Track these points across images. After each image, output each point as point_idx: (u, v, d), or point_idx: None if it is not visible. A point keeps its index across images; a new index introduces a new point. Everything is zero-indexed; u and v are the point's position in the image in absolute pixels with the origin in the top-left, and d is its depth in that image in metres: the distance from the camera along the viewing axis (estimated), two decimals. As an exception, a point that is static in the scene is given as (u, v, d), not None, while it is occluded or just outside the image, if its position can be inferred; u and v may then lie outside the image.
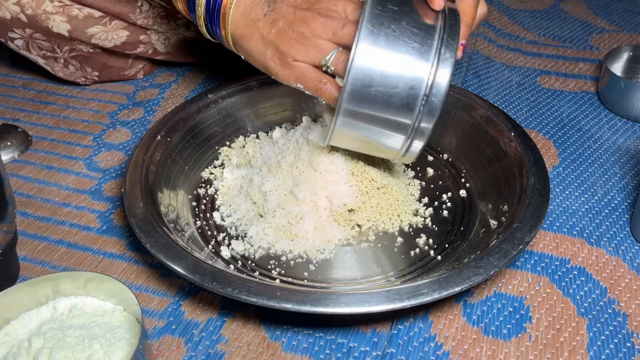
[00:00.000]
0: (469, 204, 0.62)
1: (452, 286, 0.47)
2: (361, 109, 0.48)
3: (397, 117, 0.48)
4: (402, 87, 0.47)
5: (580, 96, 0.83)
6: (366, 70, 0.46)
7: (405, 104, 0.47)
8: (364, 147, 0.53)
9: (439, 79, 0.47)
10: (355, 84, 0.47)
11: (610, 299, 0.54)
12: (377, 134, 0.50)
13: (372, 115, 0.48)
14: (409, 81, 0.46)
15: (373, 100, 0.47)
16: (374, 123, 0.49)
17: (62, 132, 0.78)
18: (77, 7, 0.74)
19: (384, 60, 0.46)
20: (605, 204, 0.64)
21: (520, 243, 0.50)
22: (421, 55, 0.46)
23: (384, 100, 0.47)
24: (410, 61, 0.46)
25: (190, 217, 0.61)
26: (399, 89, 0.47)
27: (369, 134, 0.50)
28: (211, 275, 0.48)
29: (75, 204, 0.66)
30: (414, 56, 0.46)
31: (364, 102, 0.47)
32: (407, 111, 0.47)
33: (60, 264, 0.58)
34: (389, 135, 0.50)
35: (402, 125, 0.48)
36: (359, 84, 0.47)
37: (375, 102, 0.47)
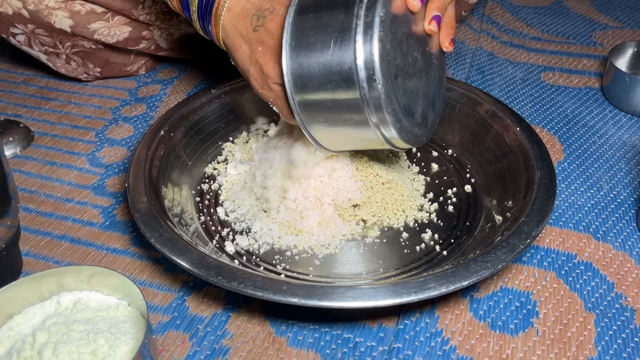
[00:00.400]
0: (474, 199, 0.62)
1: (459, 280, 0.46)
2: (313, 108, 0.48)
3: (345, 97, 0.46)
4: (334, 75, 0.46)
5: (584, 92, 0.82)
6: (298, 74, 0.47)
7: (345, 88, 0.46)
8: (354, 144, 0.52)
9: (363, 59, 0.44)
10: (297, 89, 0.47)
11: (617, 294, 0.53)
12: (344, 126, 0.49)
13: (329, 114, 0.48)
14: (338, 69, 0.45)
15: (321, 102, 0.47)
16: (335, 119, 0.48)
17: (64, 127, 0.77)
18: (79, 2, 0.74)
19: (309, 61, 0.46)
20: (611, 200, 0.64)
21: (528, 237, 0.50)
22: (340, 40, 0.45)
23: (329, 98, 0.47)
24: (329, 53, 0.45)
25: (194, 212, 0.61)
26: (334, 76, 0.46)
27: (338, 130, 0.49)
28: (216, 270, 0.48)
29: (78, 200, 0.65)
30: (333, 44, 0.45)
31: (315, 106, 0.48)
32: (351, 92, 0.46)
33: (64, 259, 0.58)
34: (356, 123, 0.48)
35: (355, 107, 0.47)
36: (300, 88, 0.47)
37: (323, 103, 0.47)
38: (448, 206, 0.61)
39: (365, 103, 0.45)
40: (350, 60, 0.45)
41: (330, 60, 0.45)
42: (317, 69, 0.46)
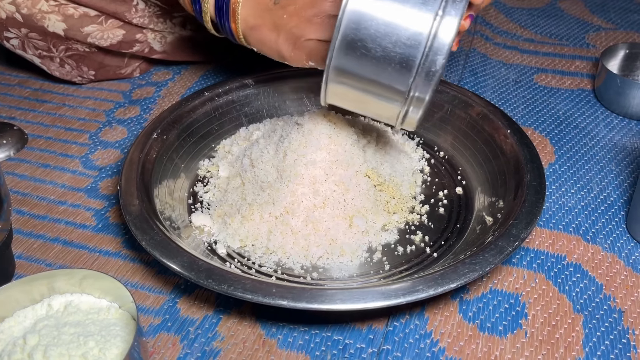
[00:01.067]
0: (465, 201, 0.62)
1: (447, 283, 0.47)
2: (353, 63, 0.44)
3: (393, 74, 0.44)
4: (399, 40, 0.42)
5: (576, 94, 0.83)
6: (359, 18, 0.43)
7: (402, 60, 0.43)
8: (360, 107, 0.50)
9: (441, 34, 0.42)
10: (347, 34, 0.43)
11: (606, 296, 0.54)
12: (371, 93, 0.46)
13: (365, 72, 0.44)
14: (408, 34, 0.42)
15: (366, 55, 0.43)
16: (367, 80, 0.45)
17: (58, 130, 0.77)
18: (72, 6, 0.74)
19: (380, 8, 0.43)
20: (602, 201, 0.64)
21: (516, 239, 0.50)
22: (423, 5, 0.42)
23: (379, 55, 0.43)
24: (409, 11, 0.42)
25: (186, 214, 0.61)
26: (396, 42, 0.42)
27: (362, 93, 0.46)
28: (206, 273, 0.48)
29: (71, 202, 0.65)
30: (414, 6, 0.42)
31: (356, 56, 0.44)
32: (403, 69, 0.43)
33: (56, 262, 0.58)
34: (384, 96, 0.46)
35: (399, 84, 0.44)
36: (351, 35, 0.43)
37: (369, 56, 0.43)
38: (439, 208, 0.62)
39: (418, 72, 0.43)
40: (428, 23, 0.42)
41: (407, 13, 0.42)
42: (386, 15, 0.42)
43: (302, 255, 0.55)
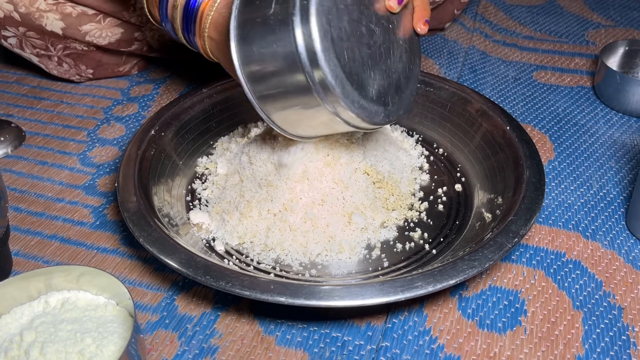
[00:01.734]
0: (464, 198, 0.62)
1: (446, 279, 0.46)
2: (264, 87, 0.48)
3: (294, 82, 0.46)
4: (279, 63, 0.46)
5: (576, 91, 0.83)
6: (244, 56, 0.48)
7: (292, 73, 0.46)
8: (312, 128, 0.52)
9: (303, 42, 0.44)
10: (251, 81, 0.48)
11: (605, 292, 0.54)
12: (299, 110, 0.49)
13: (276, 89, 0.48)
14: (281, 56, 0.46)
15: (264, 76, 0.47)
16: (287, 101, 0.48)
17: (56, 127, 0.77)
18: (70, 4, 0.74)
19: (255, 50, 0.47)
20: (601, 198, 0.64)
21: (515, 236, 0.50)
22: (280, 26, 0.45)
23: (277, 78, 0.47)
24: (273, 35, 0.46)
25: (184, 212, 0.61)
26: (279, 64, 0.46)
27: (291, 109, 0.49)
28: (204, 269, 0.48)
29: (69, 199, 0.65)
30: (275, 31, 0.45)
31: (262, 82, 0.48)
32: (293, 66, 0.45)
33: (54, 259, 0.58)
34: (308, 105, 0.48)
35: (304, 89, 0.46)
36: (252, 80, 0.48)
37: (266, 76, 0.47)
38: (438, 205, 0.61)
39: (312, 83, 0.45)
40: (290, 46, 0.44)
41: (274, 49, 0.45)
42: (263, 57, 0.46)
43: (300, 252, 0.55)
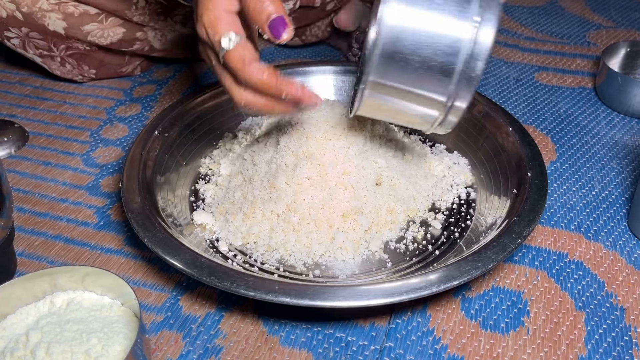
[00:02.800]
0: (467, 199, 0.62)
1: (450, 280, 0.47)
2: (391, 77, 0.43)
3: (433, 85, 0.43)
4: (439, 49, 0.42)
5: (577, 92, 0.83)
6: (397, 32, 0.42)
7: (442, 69, 0.42)
8: (392, 117, 0.49)
9: (481, 39, 0.41)
10: (386, 49, 0.42)
11: (607, 293, 0.54)
12: (409, 104, 0.45)
13: (404, 84, 0.43)
14: (448, 42, 0.41)
15: (405, 67, 0.42)
16: (405, 92, 0.44)
17: (59, 128, 0.77)
18: (72, 4, 0.74)
19: (417, 19, 0.42)
20: (603, 199, 0.64)
21: (519, 237, 0.50)
22: (460, 12, 0.41)
23: (418, 66, 0.42)
24: (447, 19, 0.42)
25: (188, 212, 0.61)
26: (436, 51, 0.42)
27: (399, 104, 0.45)
28: (209, 270, 0.48)
29: (73, 200, 0.65)
30: (451, 13, 0.41)
31: (394, 70, 0.43)
32: (444, 77, 0.42)
33: (58, 259, 0.58)
34: (422, 105, 0.45)
35: (439, 93, 0.43)
36: (390, 49, 0.42)
37: (408, 68, 0.42)
38: (441, 206, 0.62)
39: (459, 79, 0.42)
40: (467, 30, 0.41)
41: (444, 21, 0.41)
42: (424, 25, 0.41)
43: (304, 252, 0.55)
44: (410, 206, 0.61)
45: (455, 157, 0.67)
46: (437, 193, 0.63)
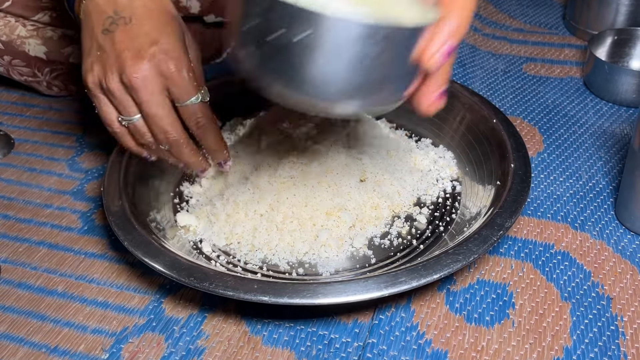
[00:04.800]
0: (452, 192, 0.62)
1: (430, 274, 0.46)
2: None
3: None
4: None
5: (565, 82, 0.82)
6: None
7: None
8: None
9: None
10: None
11: (594, 283, 0.53)
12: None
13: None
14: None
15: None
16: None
17: (45, 134, 0.77)
18: (50, 28, 0.74)
19: None
20: (590, 189, 0.64)
21: (501, 229, 0.50)
22: None
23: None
24: None
25: (171, 214, 0.61)
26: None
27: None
28: (188, 271, 0.48)
29: (57, 205, 0.65)
30: None
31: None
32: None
33: (42, 265, 0.58)
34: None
35: None
36: None
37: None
38: (426, 200, 0.61)
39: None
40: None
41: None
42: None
43: (287, 251, 0.55)
44: (395, 201, 0.60)
45: (441, 151, 0.67)
46: (422, 187, 0.62)
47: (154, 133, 0.52)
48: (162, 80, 0.49)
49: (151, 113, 0.50)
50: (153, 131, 0.52)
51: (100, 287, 0.55)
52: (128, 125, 0.52)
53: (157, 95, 0.49)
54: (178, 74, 0.49)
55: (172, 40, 0.49)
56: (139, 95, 0.49)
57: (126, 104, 0.50)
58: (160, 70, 0.49)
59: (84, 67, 0.51)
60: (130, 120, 0.51)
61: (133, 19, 0.49)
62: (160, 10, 0.50)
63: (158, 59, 0.49)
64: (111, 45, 0.49)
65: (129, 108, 0.51)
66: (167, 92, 0.50)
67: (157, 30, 0.49)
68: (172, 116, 0.51)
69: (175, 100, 0.51)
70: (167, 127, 0.51)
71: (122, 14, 0.49)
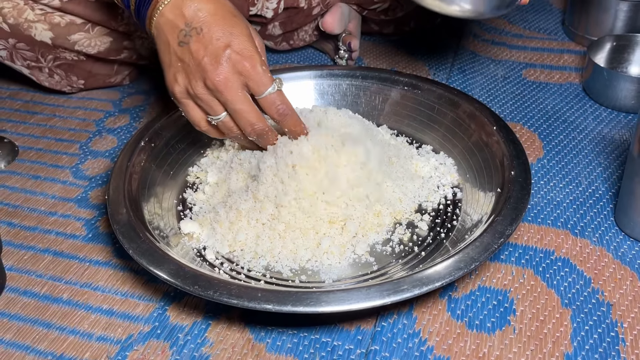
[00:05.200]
0: (454, 199, 0.62)
1: (432, 282, 0.47)
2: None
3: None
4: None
5: (565, 88, 0.83)
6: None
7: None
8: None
9: None
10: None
11: (594, 289, 0.54)
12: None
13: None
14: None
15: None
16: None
17: (49, 141, 0.78)
18: (58, 14, 0.74)
19: None
20: (590, 195, 0.64)
21: (501, 236, 0.51)
22: None
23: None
24: None
25: (175, 221, 0.61)
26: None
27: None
28: (193, 279, 0.48)
29: (62, 213, 0.66)
30: None
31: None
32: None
33: (47, 273, 0.58)
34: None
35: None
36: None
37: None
38: (428, 207, 0.62)
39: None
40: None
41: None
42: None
43: (290, 258, 0.56)
44: (397, 208, 0.61)
45: (442, 158, 0.67)
46: (423, 194, 0.63)
47: (241, 126, 0.56)
48: (240, 78, 0.54)
49: (237, 109, 0.55)
50: (240, 125, 0.56)
51: (105, 295, 0.56)
52: (216, 123, 0.57)
53: (239, 92, 0.54)
54: (254, 70, 0.54)
55: (242, 40, 0.54)
56: (223, 95, 0.54)
57: (213, 104, 0.55)
58: (237, 69, 0.54)
59: (167, 79, 0.57)
60: (218, 118, 0.56)
61: (203, 28, 0.54)
62: (224, 14, 0.54)
63: (234, 60, 0.53)
64: (190, 55, 0.54)
65: (215, 107, 0.55)
66: (247, 88, 0.55)
67: (227, 34, 0.54)
68: (255, 109, 0.56)
69: (255, 93, 0.55)
70: (253, 119, 0.56)
71: (193, 24, 0.54)
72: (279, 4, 0.79)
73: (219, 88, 0.53)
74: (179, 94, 0.56)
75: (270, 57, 0.94)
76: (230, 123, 0.57)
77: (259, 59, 0.54)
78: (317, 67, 0.77)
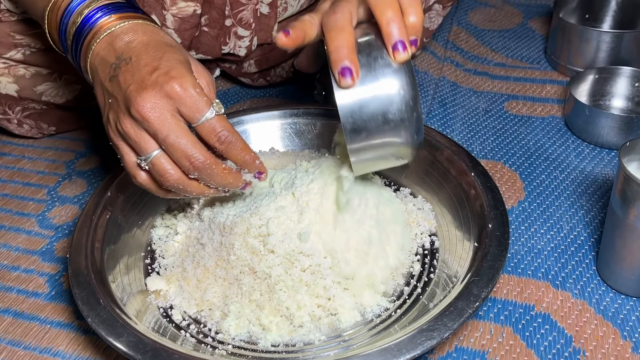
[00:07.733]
0: (430, 248, 0.60)
1: (403, 354, 0.44)
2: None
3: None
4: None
5: (547, 122, 0.81)
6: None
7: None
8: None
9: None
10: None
11: (575, 349, 0.52)
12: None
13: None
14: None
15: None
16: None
17: (16, 186, 0.75)
18: (22, 66, 0.72)
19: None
20: (571, 241, 0.62)
21: (477, 299, 0.48)
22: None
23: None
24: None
25: (142, 276, 0.59)
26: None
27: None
28: (152, 352, 0.46)
29: (25, 267, 0.63)
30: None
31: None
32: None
33: (6, 337, 0.56)
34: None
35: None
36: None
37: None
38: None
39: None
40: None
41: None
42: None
43: (257, 323, 0.53)
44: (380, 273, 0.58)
45: (420, 202, 0.65)
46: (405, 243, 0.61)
47: (178, 163, 0.48)
48: (170, 102, 0.47)
49: (168, 140, 0.46)
50: (176, 159, 0.48)
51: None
52: (148, 167, 0.48)
53: (169, 119, 0.46)
54: (185, 93, 0.47)
55: (172, 63, 0.48)
56: (151, 124, 0.46)
57: (141, 140, 0.47)
58: (165, 92, 0.46)
59: (104, 122, 0.50)
60: (148, 157, 0.48)
61: (132, 57, 0.48)
62: (157, 44, 0.49)
63: (161, 83, 0.46)
64: (118, 88, 0.48)
65: (145, 144, 0.47)
66: (179, 115, 0.47)
67: (155, 59, 0.48)
68: (190, 137, 0.47)
69: (189, 120, 0.48)
70: (188, 149, 0.47)
71: (123, 56, 0.48)
72: (251, 41, 0.77)
73: (145, 116, 0.46)
74: (112, 135, 0.49)
75: (249, 91, 0.91)
76: (165, 163, 0.48)
77: (191, 81, 0.47)
78: (292, 106, 0.75)
